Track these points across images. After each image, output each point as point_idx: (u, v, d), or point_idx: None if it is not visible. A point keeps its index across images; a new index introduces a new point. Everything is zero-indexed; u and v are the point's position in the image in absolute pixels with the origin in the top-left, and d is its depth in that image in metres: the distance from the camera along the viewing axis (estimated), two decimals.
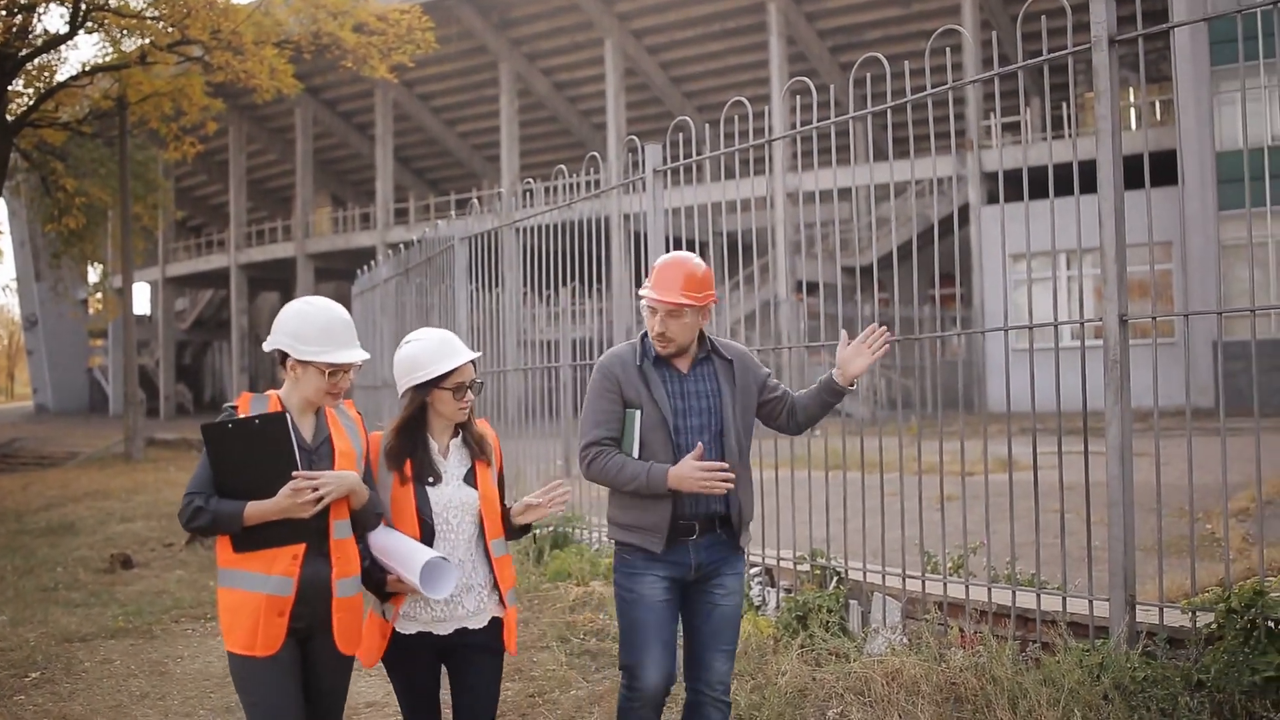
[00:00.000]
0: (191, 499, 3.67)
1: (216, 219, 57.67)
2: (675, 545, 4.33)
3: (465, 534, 4.00)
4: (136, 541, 12.69)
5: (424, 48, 22.59)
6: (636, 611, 4.34)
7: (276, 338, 3.81)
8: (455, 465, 4.05)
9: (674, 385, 4.39)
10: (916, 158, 6.46)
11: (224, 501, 3.65)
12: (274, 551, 3.70)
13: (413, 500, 3.94)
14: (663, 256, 4.42)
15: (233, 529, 3.66)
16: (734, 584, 4.45)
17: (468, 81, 44.93)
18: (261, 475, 3.64)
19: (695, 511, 4.32)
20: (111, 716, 6.33)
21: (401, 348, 4.05)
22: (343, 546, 3.81)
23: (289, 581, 3.70)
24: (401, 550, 3.84)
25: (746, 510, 4.45)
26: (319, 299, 3.95)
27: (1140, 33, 5.29)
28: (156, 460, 24.48)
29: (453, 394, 3.96)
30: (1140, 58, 5.50)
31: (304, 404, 3.84)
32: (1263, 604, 4.70)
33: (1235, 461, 5.20)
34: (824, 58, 38.47)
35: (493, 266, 10.75)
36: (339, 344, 3.82)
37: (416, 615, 3.96)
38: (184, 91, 22.55)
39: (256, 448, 3.63)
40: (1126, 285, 5.23)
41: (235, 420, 3.66)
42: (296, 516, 3.67)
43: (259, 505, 3.65)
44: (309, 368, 3.79)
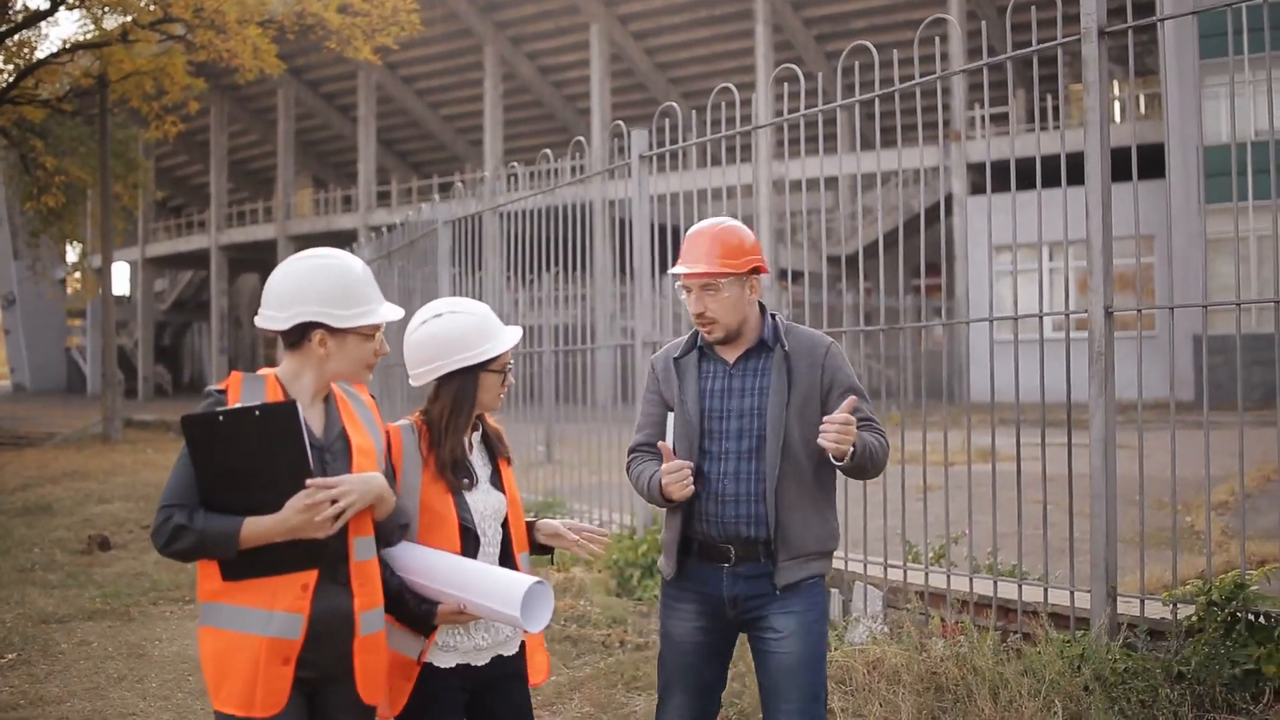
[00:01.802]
0: (169, 514, 2.84)
1: (197, 199, 57.38)
2: (704, 571, 3.62)
3: (497, 543, 3.45)
4: (114, 523, 12.62)
5: (409, 30, 22.48)
6: (662, 650, 3.75)
7: (301, 309, 2.98)
8: (480, 465, 3.48)
9: (714, 381, 3.66)
10: (902, 147, 6.45)
11: (214, 518, 2.83)
12: (278, 581, 2.90)
13: (453, 508, 3.32)
14: (694, 227, 3.72)
15: (225, 553, 2.85)
16: (789, 625, 3.54)
17: (452, 65, 44.78)
18: (262, 482, 2.84)
19: (724, 533, 3.57)
20: (88, 699, 6.29)
21: (431, 322, 3.39)
22: (366, 571, 3.04)
23: (297, 620, 2.90)
24: (474, 575, 3.19)
25: (798, 538, 3.55)
26: (324, 250, 3.15)
27: (1131, 24, 5.28)
28: (135, 441, 24.36)
29: (501, 378, 3.42)
30: (1129, 50, 5.50)
31: (318, 388, 3.05)
32: (1243, 597, 4.73)
33: (1217, 455, 5.21)
34: (810, 46, 38.43)
35: (475, 251, 10.71)
36: (377, 298, 3.11)
37: (456, 645, 3.34)
38: (165, 70, 22.38)
39: (256, 446, 2.82)
40: (1112, 278, 5.23)
41: (228, 411, 2.82)
42: (309, 537, 2.88)
43: (260, 523, 2.83)
44: (350, 336, 3.02)
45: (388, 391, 12.64)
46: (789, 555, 3.54)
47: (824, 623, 3.64)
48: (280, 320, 3.00)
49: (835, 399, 3.55)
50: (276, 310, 3.01)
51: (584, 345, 9.64)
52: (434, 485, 3.31)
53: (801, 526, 3.56)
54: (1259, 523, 8.70)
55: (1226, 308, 5.18)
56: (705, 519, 3.60)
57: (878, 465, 3.57)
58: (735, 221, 3.70)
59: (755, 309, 3.67)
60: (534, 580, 3.13)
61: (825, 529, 3.64)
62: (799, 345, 3.63)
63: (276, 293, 3.02)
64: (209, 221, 48.46)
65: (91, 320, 51.84)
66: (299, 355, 3.03)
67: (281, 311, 3.01)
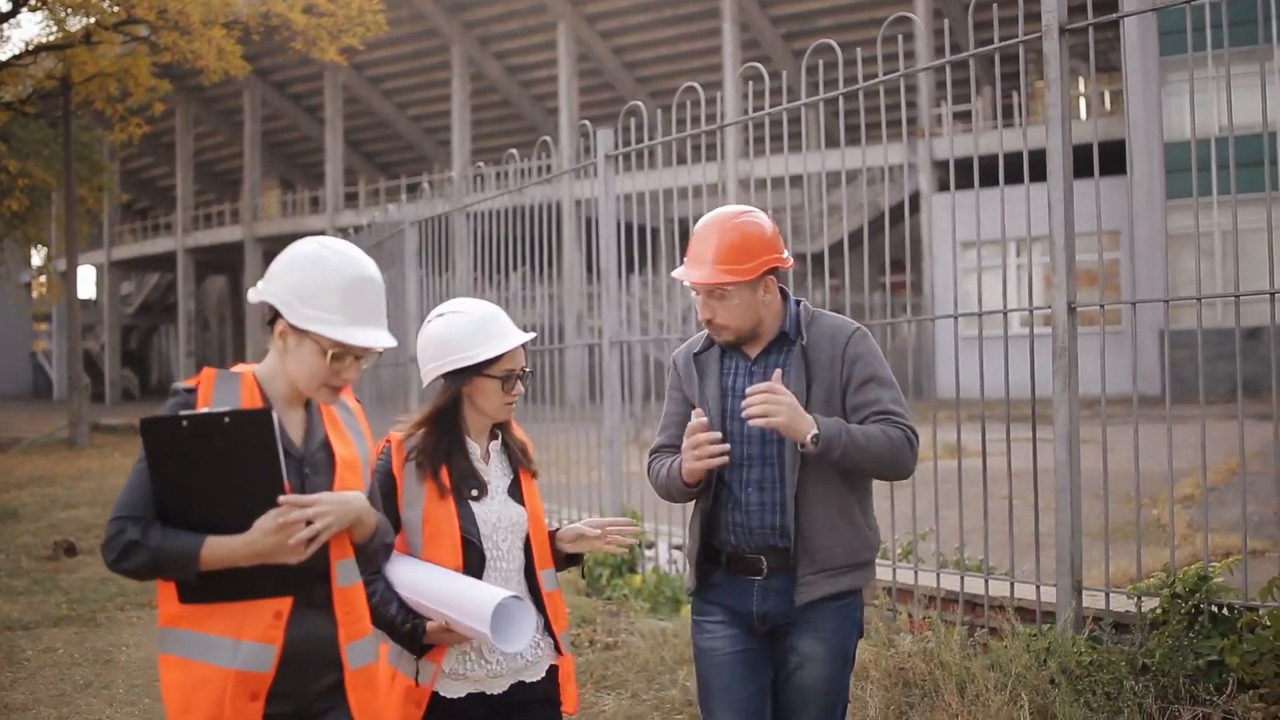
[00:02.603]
0: (121, 527, 2.51)
1: (163, 202, 56.96)
2: (733, 585, 3.34)
3: (516, 562, 3.19)
4: (81, 528, 12.51)
5: (375, 30, 22.39)
6: (699, 668, 3.46)
7: (270, 287, 2.64)
8: (498, 475, 3.23)
9: (735, 378, 3.37)
10: (868, 145, 6.48)
11: (171, 535, 2.50)
12: (246, 606, 2.58)
13: (455, 518, 3.08)
14: (704, 218, 3.39)
15: (183, 575, 2.52)
16: (814, 650, 3.29)
17: (419, 65, 44.64)
18: (229, 498, 2.52)
19: (753, 543, 3.29)
20: (54, 705, 6.24)
21: (431, 323, 3.23)
22: (350, 598, 2.73)
23: (268, 651, 2.58)
24: (452, 589, 2.99)
25: (825, 549, 3.24)
26: (343, 244, 2.75)
27: (1090, 22, 5.32)
28: (102, 446, 24.17)
29: (501, 384, 3.16)
30: (1090, 48, 5.54)
31: (291, 391, 2.69)
32: (1206, 589, 4.77)
33: (1181, 449, 5.26)
34: (777, 44, 38.52)
35: (443, 251, 10.69)
36: (362, 316, 2.66)
37: (467, 673, 3.09)
38: (130, 72, 22.19)
39: (223, 457, 2.50)
40: (1075, 273, 5.27)
41: (193, 416, 2.49)
42: (280, 561, 2.55)
43: (224, 544, 2.51)
44: (306, 340, 2.61)
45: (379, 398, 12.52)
46: (813, 569, 3.24)
47: (851, 646, 3.39)
48: (256, 292, 2.67)
49: (853, 392, 3.27)
50: (262, 281, 2.70)
51: (552, 345, 9.63)
52: (435, 495, 3.09)
53: (827, 536, 3.25)
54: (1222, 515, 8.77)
55: (1190, 302, 5.23)
56: (732, 529, 3.32)
57: (882, 459, 3.18)
58: (749, 215, 3.33)
59: (775, 302, 3.35)
60: (508, 595, 2.92)
61: (858, 538, 3.31)
62: (820, 336, 3.32)
63: (272, 265, 2.72)
64: (175, 224, 48.12)
65: (57, 324, 51.41)
66: (273, 347, 2.70)
67: (264, 284, 2.68)
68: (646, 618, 6.79)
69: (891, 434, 3.20)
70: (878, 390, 3.26)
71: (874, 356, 3.32)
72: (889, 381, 3.30)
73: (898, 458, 3.20)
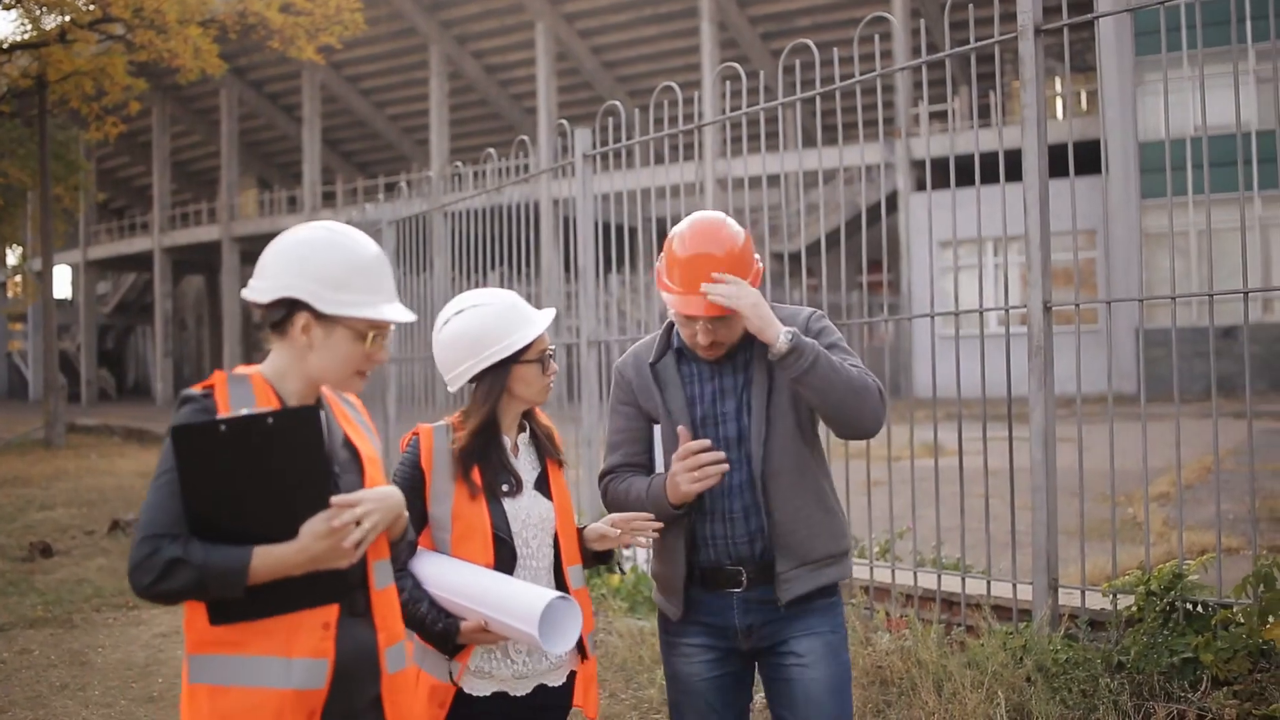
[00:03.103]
0: (156, 546, 2.29)
1: (139, 201, 56.68)
2: (711, 602, 3.17)
3: (545, 559, 3.09)
4: (56, 529, 12.44)
5: (352, 29, 22.35)
6: (673, 692, 3.29)
7: (286, 282, 2.45)
8: (527, 468, 3.13)
9: (700, 385, 3.21)
10: (846, 145, 6.49)
11: (216, 549, 2.30)
12: (292, 620, 2.40)
13: (487, 514, 2.99)
14: (680, 230, 3.17)
15: (232, 591, 2.32)
16: (814, 648, 3.13)
17: (397, 64, 44.55)
18: (272, 503, 2.35)
19: (734, 553, 3.13)
20: (30, 707, 6.20)
21: (453, 321, 3.09)
22: (387, 600, 2.60)
23: (321, 666, 2.41)
24: (493, 589, 2.88)
25: (804, 541, 3.11)
26: (342, 225, 2.62)
27: (1066, 22, 5.34)
28: (78, 447, 24.04)
29: (540, 367, 3.09)
30: (1066, 48, 5.56)
31: (305, 388, 2.53)
32: (1181, 587, 4.79)
33: (1156, 447, 5.28)
34: (755, 44, 38.57)
35: (421, 251, 10.66)
36: (386, 293, 2.56)
37: (493, 671, 3.01)
38: (106, 71, 22.08)
39: (265, 460, 2.32)
40: (1051, 272, 5.29)
41: (233, 420, 2.31)
42: (333, 567, 2.40)
43: (274, 554, 2.33)
44: (339, 329, 2.47)
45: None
46: (796, 562, 3.09)
47: (846, 641, 3.23)
48: (260, 291, 2.48)
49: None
50: (259, 279, 2.50)
51: None
52: (467, 492, 3.00)
53: (805, 526, 3.11)
54: (1197, 513, 8.83)
55: (1165, 301, 5.26)
56: (711, 543, 3.14)
57: (852, 388, 2.99)
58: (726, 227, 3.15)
59: None
60: (556, 595, 2.80)
61: (835, 524, 3.19)
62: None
63: (267, 261, 2.52)
64: (152, 223, 47.89)
65: (33, 324, 51.09)
66: (284, 346, 2.50)
67: (264, 281, 2.48)
68: (624, 617, 6.80)
69: (860, 374, 3.03)
70: (842, 356, 3.08)
71: (833, 332, 3.17)
72: (848, 348, 3.16)
73: (866, 393, 3.01)
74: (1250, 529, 5.17)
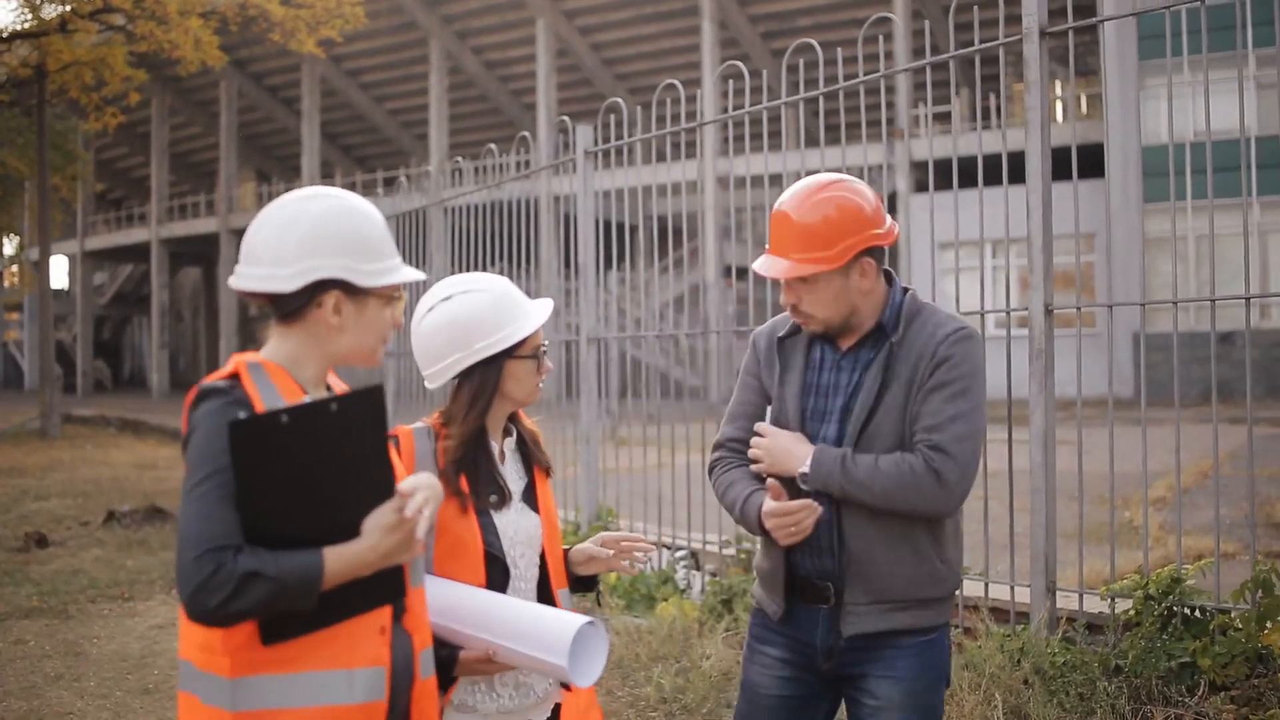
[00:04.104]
0: (220, 561, 2.00)
1: (137, 192, 56.61)
2: (801, 614, 2.90)
3: (533, 579, 2.80)
4: (52, 520, 12.43)
5: (353, 23, 22.32)
6: (741, 703, 3.04)
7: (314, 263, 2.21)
8: (514, 478, 2.83)
9: (820, 373, 2.91)
10: (847, 145, 6.49)
11: (287, 557, 2.04)
12: (351, 626, 2.17)
13: (477, 529, 2.69)
14: (786, 193, 2.88)
15: (307, 602, 2.06)
16: (891, 694, 2.81)
17: (397, 58, 44.50)
18: (337, 497, 2.12)
19: (819, 565, 2.87)
20: (24, 698, 6.19)
21: (439, 309, 2.74)
22: (420, 600, 2.39)
23: (380, 675, 2.20)
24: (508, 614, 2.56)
25: (879, 577, 2.79)
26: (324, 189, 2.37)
27: (1071, 25, 5.34)
28: (73, 437, 24.01)
29: (535, 364, 2.78)
30: (1070, 51, 5.56)
31: (321, 373, 2.30)
32: (1179, 591, 4.80)
33: (1155, 451, 5.29)
34: (756, 43, 38.55)
35: (420, 246, 10.65)
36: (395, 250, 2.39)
37: (476, 706, 2.69)
38: (105, 61, 22.06)
39: (331, 453, 2.10)
40: (1052, 275, 5.29)
41: (294, 409, 2.08)
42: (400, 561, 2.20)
43: (345, 554, 2.09)
44: (369, 301, 2.28)
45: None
46: (868, 598, 2.79)
47: (936, 698, 2.88)
48: (283, 279, 2.20)
49: (921, 395, 2.77)
50: (276, 266, 2.21)
51: None
52: (453, 502, 2.66)
53: (885, 563, 2.78)
54: (1196, 518, 8.83)
55: (1165, 306, 5.26)
56: (804, 549, 2.85)
57: (890, 498, 2.72)
58: (837, 187, 2.83)
59: (877, 289, 2.86)
60: (584, 621, 2.48)
61: (923, 570, 2.80)
62: (918, 332, 2.82)
63: (277, 242, 2.22)
64: (149, 215, 47.81)
65: (29, 314, 51.02)
66: (300, 330, 2.25)
67: (284, 267, 2.20)
68: (621, 614, 6.79)
69: (905, 465, 2.72)
70: (943, 401, 2.74)
71: (965, 362, 2.78)
72: (964, 394, 2.76)
73: (912, 495, 2.71)
74: (1249, 534, 5.17)
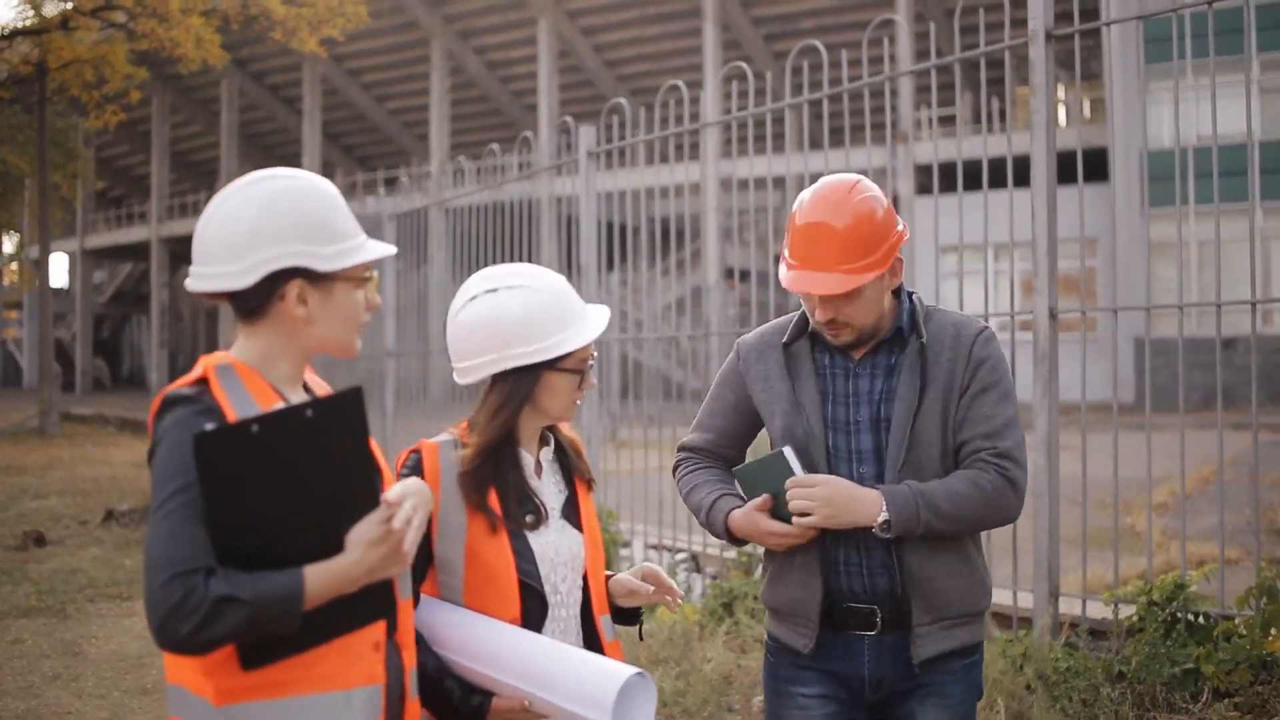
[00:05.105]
0: (190, 585, 1.81)
1: (138, 190, 56.60)
2: (840, 643, 2.70)
3: (574, 605, 2.53)
4: (50, 518, 12.40)
5: (355, 22, 22.28)
6: None
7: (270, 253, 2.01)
8: (552, 492, 2.54)
9: (836, 382, 2.74)
10: (850, 148, 6.46)
11: (264, 578, 1.86)
12: (344, 644, 2.01)
13: (510, 555, 2.39)
14: (807, 193, 2.72)
15: (289, 624, 1.89)
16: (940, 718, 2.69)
17: (399, 58, 44.49)
18: (315, 510, 1.94)
19: (867, 586, 2.67)
20: (22, 698, 6.17)
21: (481, 300, 2.45)
22: (410, 615, 2.21)
23: (376, 693, 2.05)
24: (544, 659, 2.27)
25: (941, 592, 2.64)
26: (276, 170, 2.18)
27: (1077, 28, 5.32)
28: (72, 436, 24.01)
29: (577, 379, 2.47)
30: (1076, 54, 5.54)
31: (295, 370, 2.12)
32: (1183, 597, 4.78)
33: (1158, 456, 5.26)
34: (758, 45, 38.55)
35: (421, 246, 10.63)
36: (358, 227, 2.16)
37: None
38: (107, 59, 22.02)
39: (308, 463, 1.93)
40: (1056, 280, 5.27)
41: (266, 418, 1.90)
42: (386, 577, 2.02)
43: (328, 571, 1.91)
44: (335, 286, 2.08)
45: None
46: (931, 617, 2.63)
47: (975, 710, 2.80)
48: (237, 275, 2.02)
49: (968, 401, 2.66)
50: (228, 261, 2.03)
51: None
52: (484, 527, 2.38)
53: (945, 577, 2.64)
54: (1199, 523, 8.81)
55: (1169, 310, 5.24)
56: (845, 569, 2.67)
57: (979, 521, 2.65)
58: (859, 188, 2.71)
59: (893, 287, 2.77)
60: (631, 672, 2.21)
61: (975, 579, 2.72)
62: (941, 333, 2.72)
63: (224, 236, 2.05)
64: (150, 213, 47.79)
65: (28, 312, 50.99)
66: (266, 327, 2.07)
67: (237, 262, 2.02)
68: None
69: (984, 483, 2.61)
70: (994, 405, 2.66)
71: (1001, 362, 2.72)
72: (1009, 395, 2.70)
73: (996, 512, 2.64)
74: (1252, 540, 5.15)
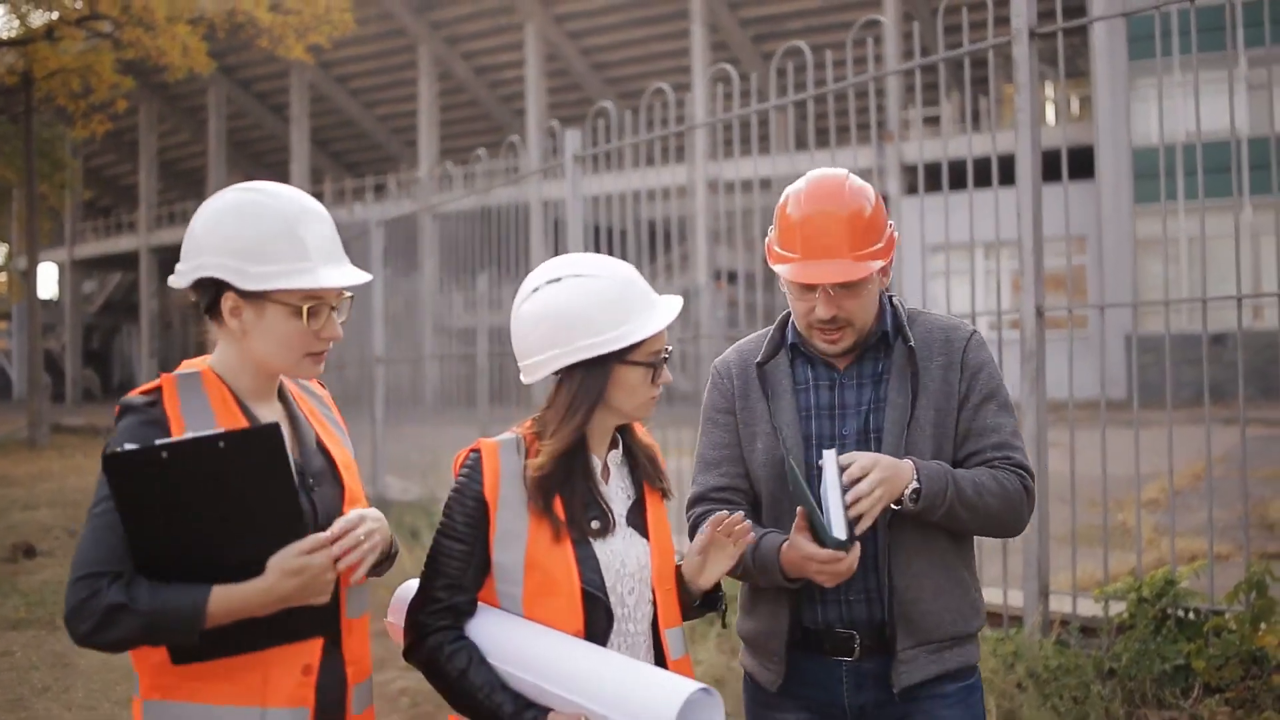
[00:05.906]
0: (94, 588, 1.91)
1: (126, 200, 56.46)
2: (816, 671, 2.57)
3: (644, 619, 2.37)
4: (40, 530, 12.36)
5: (341, 29, 22.27)
6: None
7: (199, 262, 2.10)
8: (619, 497, 2.39)
9: (815, 394, 2.61)
10: (837, 148, 6.47)
11: (164, 590, 1.92)
12: (268, 658, 2.03)
13: (574, 564, 2.25)
14: (795, 190, 2.62)
15: (186, 639, 1.95)
16: None
17: (386, 64, 44.45)
18: (231, 534, 1.97)
19: (846, 614, 2.54)
20: (11, 710, 6.14)
21: (544, 291, 2.32)
22: (359, 632, 2.20)
23: (301, 716, 2.05)
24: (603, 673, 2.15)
25: (928, 615, 2.52)
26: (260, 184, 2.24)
27: (1060, 26, 5.32)
28: (62, 447, 23.92)
29: (651, 372, 2.32)
30: (1059, 52, 5.54)
31: (260, 382, 2.17)
32: (1173, 594, 4.78)
33: (1147, 453, 5.26)
34: (746, 46, 38.58)
35: (410, 252, 10.63)
36: (323, 255, 2.13)
37: None
38: (93, 68, 21.97)
39: (220, 486, 1.94)
40: (1043, 278, 5.28)
41: (175, 444, 1.91)
42: (304, 604, 2.02)
43: (235, 594, 1.95)
44: (268, 307, 2.09)
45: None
46: (914, 641, 2.50)
47: None
48: (180, 275, 2.14)
49: (971, 412, 2.56)
50: (182, 262, 2.15)
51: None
52: (548, 533, 2.26)
53: (932, 599, 2.52)
54: (1189, 520, 8.82)
55: (1157, 307, 5.25)
56: (820, 598, 2.54)
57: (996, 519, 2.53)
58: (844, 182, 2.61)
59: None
60: (696, 687, 2.10)
61: (966, 601, 2.59)
62: (929, 338, 2.60)
63: (187, 238, 2.17)
64: (138, 222, 47.73)
65: (17, 323, 50.85)
66: (224, 336, 2.15)
67: (184, 264, 2.14)
68: None
69: (1008, 485, 2.52)
70: (997, 415, 2.57)
71: (994, 368, 2.63)
72: (1008, 404, 2.62)
73: (1013, 515, 2.56)
74: (1242, 535, 5.16)
